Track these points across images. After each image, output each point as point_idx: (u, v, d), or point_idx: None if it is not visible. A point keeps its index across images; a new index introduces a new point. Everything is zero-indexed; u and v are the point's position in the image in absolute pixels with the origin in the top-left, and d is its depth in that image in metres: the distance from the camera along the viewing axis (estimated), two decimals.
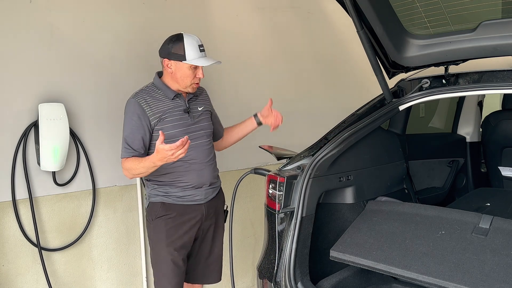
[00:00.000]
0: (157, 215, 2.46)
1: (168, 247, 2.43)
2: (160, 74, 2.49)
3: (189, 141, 2.17)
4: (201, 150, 2.49)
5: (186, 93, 2.49)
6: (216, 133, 2.72)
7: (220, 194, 2.66)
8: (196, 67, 2.39)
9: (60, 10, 2.70)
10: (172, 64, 2.39)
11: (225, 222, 2.72)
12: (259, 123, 2.70)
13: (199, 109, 2.53)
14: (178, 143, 2.13)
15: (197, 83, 2.44)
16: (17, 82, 2.58)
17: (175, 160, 2.19)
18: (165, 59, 2.41)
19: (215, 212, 2.61)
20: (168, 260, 2.43)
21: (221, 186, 2.67)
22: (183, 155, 2.17)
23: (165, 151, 2.14)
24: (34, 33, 2.62)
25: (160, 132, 2.20)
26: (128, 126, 2.37)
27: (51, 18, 2.67)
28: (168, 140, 2.26)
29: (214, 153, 2.63)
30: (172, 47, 2.37)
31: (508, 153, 3.40)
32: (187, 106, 2.47)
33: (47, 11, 2.66)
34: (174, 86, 2.44)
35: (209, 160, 2.54)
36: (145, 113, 2.35)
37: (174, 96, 2.43)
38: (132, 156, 2.35)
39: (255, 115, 2.71)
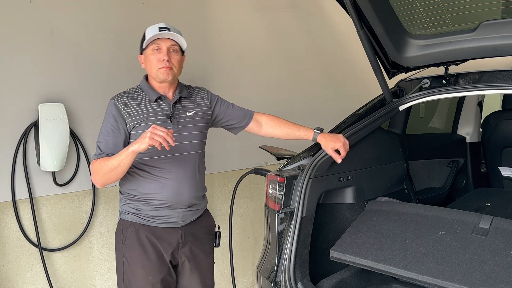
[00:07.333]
0: (127, 237, 2.20)
1: (145, 280, 2.17)
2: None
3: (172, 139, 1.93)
4: (181, 164, 2.16)
5: (173, 94, 2.22)
6: (236, 123, 2.42)
7: (202, 218, 2.33)
8: (158, 50, 2.13)
9: (60, 10, 2.70)
10: (142, 57, 2.22)
11: (217, 245, 2.43)
12: (314, 140, 2.40)
13: (188, 114, 2.22)
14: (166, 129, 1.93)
15: (165, 67, 2.12)
16: (17, 82, 2.58)
17: (147, 144, 1.90)
18: (139, 57, 2.25)
19: (194, 238, 2.27)
20: None
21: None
22: (159, 146, 1.91)
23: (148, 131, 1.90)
24: (34, 33, 2.62)
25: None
26: (103, 129, 2.12)
27: (51, 18, 2.67)
28: (142, 151, 1.98)
29: (203, 168, 2.30)
30: (141, 41, 2.22)
31: (508, 153, 3.40)
32: (171, 110, 2.17)
33: (47, 11, 2.66)
34: (156, 84, 2.19)
35: (191, 177, 2.20)
36: (121, 116, 2.11)
37: (157, 99, 2.16)
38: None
39: (317, 130, 2.38)
